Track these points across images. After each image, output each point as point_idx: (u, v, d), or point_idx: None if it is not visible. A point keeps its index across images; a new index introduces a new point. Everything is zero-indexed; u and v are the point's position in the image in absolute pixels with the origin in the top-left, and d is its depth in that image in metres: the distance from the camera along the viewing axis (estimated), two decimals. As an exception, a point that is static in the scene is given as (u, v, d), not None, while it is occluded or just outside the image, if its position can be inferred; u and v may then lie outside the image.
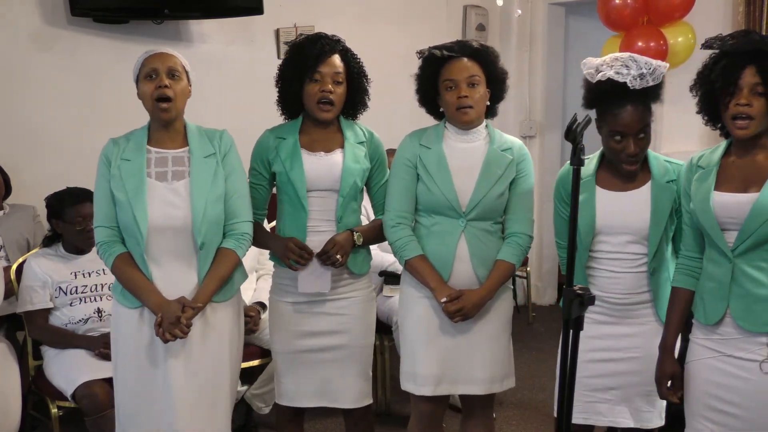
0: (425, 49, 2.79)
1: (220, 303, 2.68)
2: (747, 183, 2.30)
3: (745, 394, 2.32)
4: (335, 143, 2.87)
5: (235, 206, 2.69)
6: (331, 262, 2.78)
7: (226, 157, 2.69)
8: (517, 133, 6.08)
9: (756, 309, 2.27)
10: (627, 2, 4.94)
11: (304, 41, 2.83)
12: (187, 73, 2.69)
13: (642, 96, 2.51)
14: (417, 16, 5.47)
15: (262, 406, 3.81)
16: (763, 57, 2.22)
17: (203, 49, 4.62)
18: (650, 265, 2.56)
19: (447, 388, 2.80)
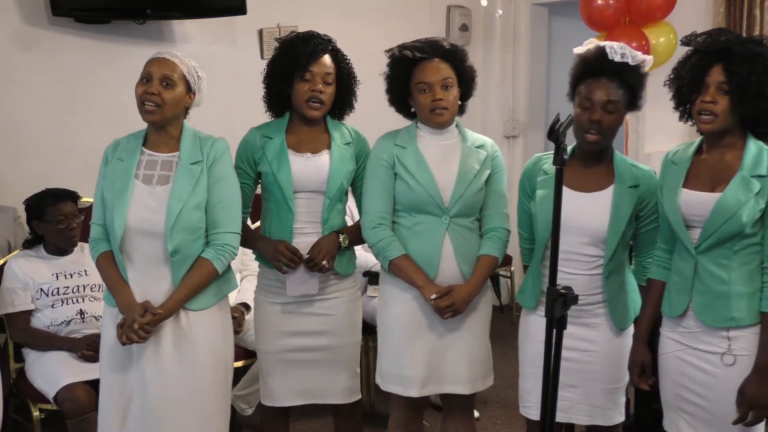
0: (395, 49, 2.78)
1: (197, 311, 2.63)
2: (714, 182, 2.35)
3: (709, 385, 2.38)
4: (322, 144, 2.86)
5: (219, 216, 2.64)
6: (318, 268, 2.78)
7: (216, 164, 2.65)
8: (501, 133, 6.10)
9: (716, 305, 2.33)
10: (609, 3, 4.96)
11: (296, 39, 2.82)
12: (190, 80, 2.63)
13: (618, 75, 2.53)
14: (400, 16, 5.47)
15: (245, 408, 3.80)
16: (731, 56, 2.26)
17: (186, 50, 4.54)
18: (606, 268, 2.57)
19: (433, 388, 2.80)
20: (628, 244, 2.63)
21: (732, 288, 2.32)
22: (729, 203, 2.28)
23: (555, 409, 2.07)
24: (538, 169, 2.71)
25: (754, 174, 2.29)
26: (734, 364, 2.33)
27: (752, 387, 2.29)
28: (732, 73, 2.25)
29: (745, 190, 2.28)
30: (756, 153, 2.32)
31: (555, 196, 2.07)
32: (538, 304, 2.69)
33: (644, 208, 2.60)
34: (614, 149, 2.66)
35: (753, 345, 2.33)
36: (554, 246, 2.09)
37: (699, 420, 2.42)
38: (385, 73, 2.82)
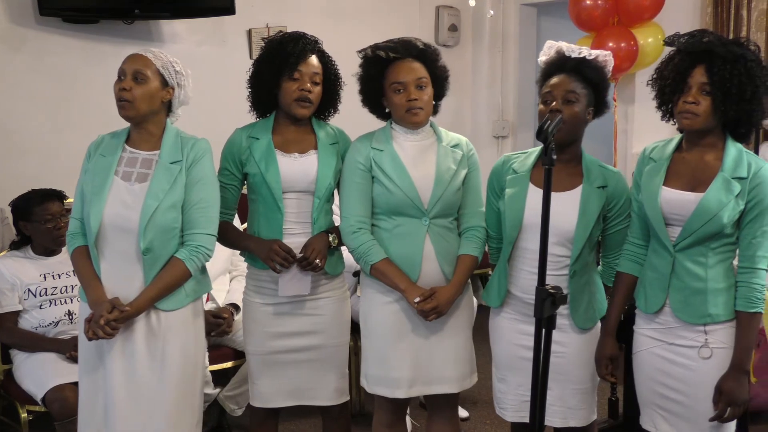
0: (367, 49, 2.77)
1: (168, 312, 2.63)
2: (695, 182, 2.37)
3: (686, 380, 2.40)
4: (309, 144, 2.86)
5: (194, 217, 2.63)
6: (312, 267, 2.77)
7: (195, 165, 2.64)
8: (490, 133, 6.11)
9: (693, 302, 2.36)
10: (597, 3, 4.98)
11: (284, 38, 2.82)
12: (165, 75, 2.64)
13: (577, 71, 2.56)
14: (390, 16, 5.47)
15: (235, 408, 3.79)
16: (713, 57, 2.28)
17: (174, 50, 4.56)
18: (571, 267, 2.58)
19: (420, 389, 2.80)
20: (594, 244, 2.64)
21: (709, 285, 2.35)
22: (711, 204, 2.31)
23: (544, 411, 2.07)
24: (507, 168, 2.73)
25: (735, 176, 2.32)
26: (711, 357, 2.36)
27: (729, 384, 2.32)
28: (714, 75, 2.28)
29: (726, 191, 2.31)
30: (736, 155, 2.35)
31: (544, 197, 2.06)
32: (502, 303, 2.72)
33: (612, 209, 2.61)
34: (583, 150, 2.67)
35: (729, 338, 2.36)
36: (543, 246, 2.09)
37: (676, 415, 2.44)
38: (358, 73, 2.81)
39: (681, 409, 2.43)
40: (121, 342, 2.58)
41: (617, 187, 2.61)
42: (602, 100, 2.64)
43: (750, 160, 2.34)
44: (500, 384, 2.78)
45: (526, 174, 2.66)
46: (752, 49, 2.33)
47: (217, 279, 3.85)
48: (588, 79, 2.57)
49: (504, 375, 2.76)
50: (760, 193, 2.31)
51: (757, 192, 2.31)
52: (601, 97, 2.63)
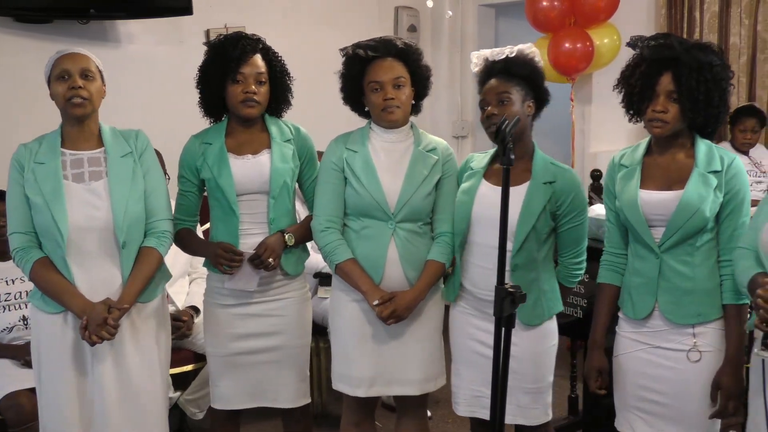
0: (349, 48, 2.78)
1: (144, 303, 2.66)
2: (670, 181, 2.40)
3: (673, 383, 2.42)
4: (262, 144, 2.85)
5: (154, 204, 2.67)
6: (264, 266, 2.76)
7: (144, 155, 2.68)
8: (450, 134, 6.13)
9: (683, 302, 2.38)
10: (554, 4, 5.02)
11: (224, 41, 2.81)
12: (101, 73, 2.66)
13: (505, 72, 2.60)
14: (349, 17, 5.46)
15: (196, 412, 3.76)
16: (679, 65, 2.31)
17: (131, 50, 4.53)
18: (512, 260, 2.59)
19: (380, 389, 2.80)
20: (543, 242, 2.63)
21: (697, 284, 2.37)
22: (692, 199, 2.33)
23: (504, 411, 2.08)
24: (467, 167, 2.77)
25: (710, 170, 2.36)
26: (700, 360, 2.38)
27: (726, 378, 2.34)
28: (681, 83, 2.31)
29: (705, 185, 2.34)
30: (707, 150, 2.39)
31: (503, 197, 2.08)
32: (457, 298, 2.74)
33: (561, 206, 2.61)
34: (536, 149, 2.69)
35: (717, 340, 2.38)
36: (502, 243, 2.10)
37: (658, 418, 2.45)
38: (340, 71, 2.81)
39: (665, 411, 2.44)
40: (108, 343, 2.55)
41: (565, 183, 2.61)
42: (540, 90, 2.65)
43: (721, 153, 2.39)
44: (455, 378, 2.80)
45: (480, 170, 2.69)
46: (717, 52, 2.36)
47: (176, 282, 3.82)
48: (519, 76, 2.60)
49: (458, 369, 2.78)
50: (737, 184, 2.35)
51: (734, 183, 2.35)
52: (537, 87, 2.64)
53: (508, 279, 2.59)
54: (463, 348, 2.74)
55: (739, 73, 5.29)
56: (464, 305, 2.73)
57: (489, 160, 2.72)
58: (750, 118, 4.93)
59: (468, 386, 2.71)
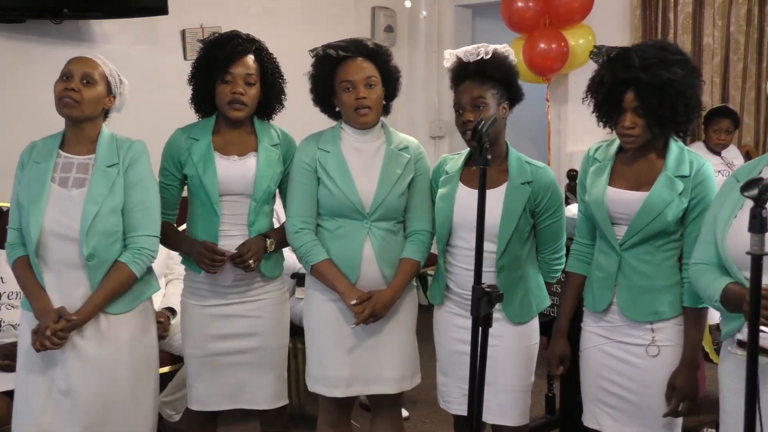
0: (318, 48, 2.77)
1: (117, 315, 2.61)
2: (640, 181, 2.42)
3: (633, 377, 2.45)
4: (249, 146, 2.84)
5: (136, 219, 2.62)
6: (244, 266, 2.75)
7: (132, 167, 2.62)
8: (427, 134, 6.14)
9: (640, 300, 2.41)
10: (529, 5, 5.05)
11: (216, 41, 2.80)
12: (111, 82, 2.63)
13: (480, 74, 2.58)
14: (325, 17, 5.46)
15: (172, 414, 3.74)
16: (640, 83, 2.32)
17: (105, 50, 4.47)
18: (498, 263, 2.61)
19: (359, 389, 2.80)
20: (525, 240, 2.66)
21: (655, 283, 2.40)
22: (655, 202, 2.36)
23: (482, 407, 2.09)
24: (441, 170, 2.77)
25: (678, 174, 2.38)
26: (658, 354, 2.41)
27: (681, 379, 2.37)
28: (644, 102, 2.32)
29: (670, 189, 2.36)
30: (678, 154, 2.41)
31: (479, 197, 2.08)
32: (443, 299, 2.74)
33: (539, 204, 2.64)
34: (510, 148, 2.70)
35: (676, 335, 2.41)
36: (479, 245, 2.10)
37: (622, 412, 2.48)
38: (310, 72, 2.80)
39: (628, 406, 2.47)
40: (72, 350, 2.53)
41: (542, 182, 2.63)
42: (514, 90, 2.65)
43: (692, 158, 2.40)
44: (443, 377, 2.80)
45: (456, 174, 2.70)
46: (681, 60, 2.35)
47: (152, 283, 3.79)
48: (493, 78, 2.59)
49: (445, 369, 2.78)
50: (703, 190, 2.37)
51: (700, 189, 2.37)
52: (512, 87, 2.64)
53: (494, 280, 2.61)
54: (449, 348, 2.74)
55: (713, 73, 5.35)
56: (451, 306, 2.74)
57: (463, 162, 2.73)
58: (723, 119, 4.98)
59: (458, 385, 2.71)
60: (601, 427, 2.53)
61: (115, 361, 2.60)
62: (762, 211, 1.62)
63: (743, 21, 5.28)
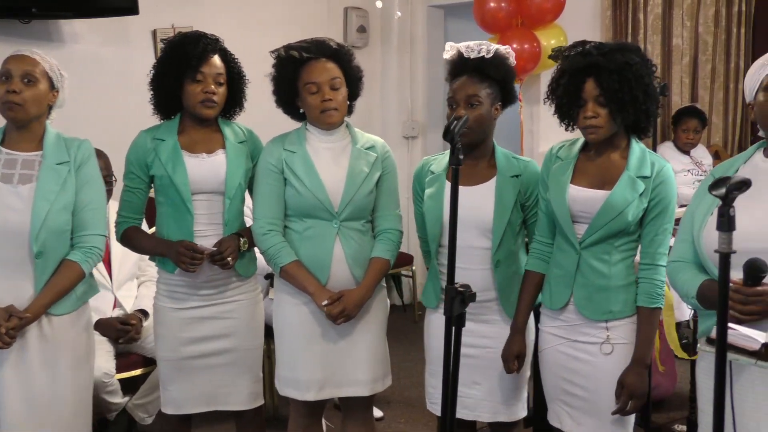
0: (280, 49, 2.75)
1: (59, 316, 2.58)
2: (602, 180, 2.44)
3: (589, 375, 2.47)
4: (216, 144, 2.83)
5: (86, 218, 2.60)
6: (222, 264, 2.74)
7: (84, 166, 2.60)
8: (400, 134, 6.15)
9: (596, 298, 2.44)
10: (501, 5, 5.08)
11: (184, 39, 2.78)
12: (52, 77, 2.59)
13: (478, 71, 2.60)
14: (297, 17, 5.45)
15: (144, 417, 3.71)
16: (600, 70, 2.35)
17: (75, 50, 4.46)
18: (494, 257, 2.62)
19: (331, 391, 2.79)
20: (518, 233, 2.68)
21: (611, 282, 2.42)
22: (616, 202, 2.38)
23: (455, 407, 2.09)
24: (425, 171, 2.77)
25: (639, 175, 2.40)
26: (612, 352, 2.43)
27: (630, 377, 2.39)
28: (604, 87, 2.35)
29: (632, 189, 2.39)
30: (640, 154, 2.44)
31: (452, 195, 2.09)
32: (439, 302, 2.73)
33: (529, 197, 2.66)
34: (496, 145, 2.72)
35: (629, 333, 2.44)
36: (451, 244, 2.12)
37: (579, 411, 2.50)
38: (272, 74, 2.78)
39: (584, 404, 2.49)
40: (14, 351, 2.49)
41: (531, 174, 2.66)
42: (509, 92, 2.68)
43: (653, 159, 2.43)
44: (432, 379, 2.78)
45: (442, 173, 2.70)
46: (635, 50, 2.41)
47: (124, 285, 3.77)
48: (491, 77, 2.61)
49: (434, 370, 2.76)
50: (663, 191, 2.40)
51: (660, 191, 2.40)
52: (507, 89, 2.66)
53: (491, 276, 2.62)
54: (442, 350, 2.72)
55: (682, 74, 5.42)
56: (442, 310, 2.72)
57: (449, 160, 2.73)
58: (692, 118, 5.05)
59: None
60: (562, 425, 2.55)
61: (56, 364, 2.57)
62: (730, 209, 1.64)
63: (711, 22, 5.36)
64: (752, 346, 1.84)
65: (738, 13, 5.36)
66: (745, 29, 5.38)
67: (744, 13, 5.36)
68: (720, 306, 1.67)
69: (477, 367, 2.67)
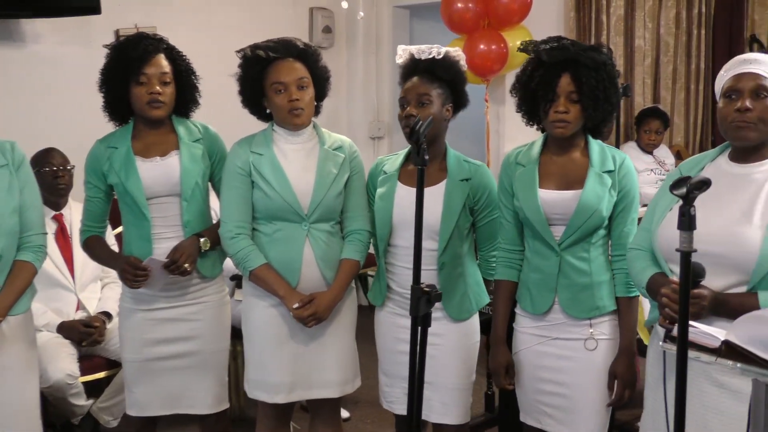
0: (247, 49, 2.73)
1: (15, 316, 2.56)
2: (568, 180, 2.47)
3: (571, 372, 2.50)
4: (170, 145, 2.81)
5: (29, 218, 2.59)
6: (180, 272, 2.72)
7: (21, 168, 2.59)
8: (366, 134, 6.15)
9: (581, 297, 2.46)
10: (469, 6, 5.10)
11: (124, 43, 2.76)
12: None
13: (429, 72, 2.62)
14: (263, 17, 5.42)
15: (109, 420, 3.68)
16: (578, 66, 2.38)
17: (36, 50, 4.39)
18: (439, 260, 2.64)
19: (301, 393, 2.78)
20: (465, 237, 2.69)
21: (593, 278, 2.45)
22: (590, 199, 2.41)
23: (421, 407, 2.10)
24: (379, 170, 2.79)
25: (604, 170, 2.44)
26: (596, 348, 2.47)
27: (621, 367, 2.44)
28: (581, 83, 2.38)
29: (601, 185, 2.42)
30: (600, 150, 2.48)
31: (417, 196, 2.08)
32: (385, 300, 2.76)
33: (478, 201, 2.68)
34: (448, 148, 2.73)
35: (612, 329, 2.48)
36: (417, 244, 2.11)
37: (560, 409, 2.52)
38: (237, 74, 2.76)
39: (565, 402, 2.51)
40: None
41: (481, 179, 2.68)
42: (460, 95, 2.69)
43: (613, 153, 2.48)
44: (385, 377, 2.80)
45: (394, 173, 2.72)
46: (606, 52, 2.46)
47: (88, 287, 3.74)
48: (441, 78, 2.62)
49: (387, 369, 2.79)
50: (627, 183, 2.45)
51: (625, 183, 2.45)
52: (458, 91, 2.68)
53: (435, 278, 2.63)
54: (393, 348, 2.74)
55: (644, 74, 5.49)
56: (393, 307, 2.74)
57: (401, 161, 2.75)
58: (654, 119, 5.11)
59: (400, 385, 2.70)
60: (539, 424, 2.57)
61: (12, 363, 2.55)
62: (690, 209, 1.66)
63: (672, 24, 5.44)
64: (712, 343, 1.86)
65: (698, 14, 5.44)
66: (705, 30, 5.47)
67: (704, 14, 5.45)
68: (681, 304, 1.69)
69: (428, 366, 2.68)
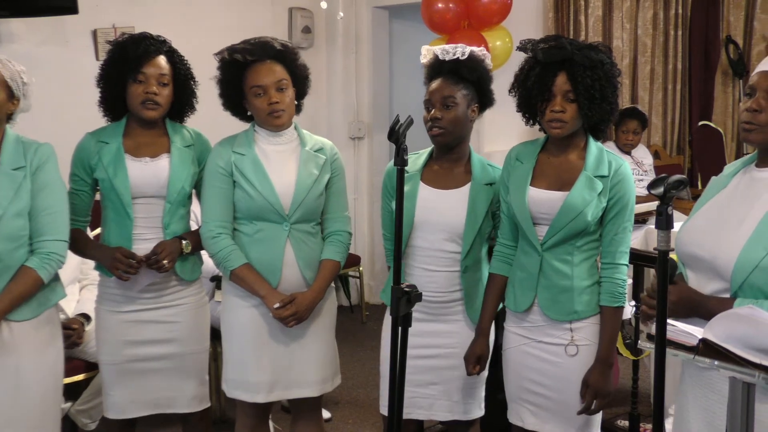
0: (224, 52, 2.72)
1: (19, 322, 2.51)
2: (560, 181, 2.46)
3: (553, 376, 2.50)
4: (161, 147, 2.80)
5: (44, 224, 2.52)
6: (158, 267, 2.70)
7: (40, 170, 2.52)
8: (346, 135, 6.15)
9: (560, 299, 2.46)
10: (449, 7, 5.12)
11: (127, 40, 2.74)
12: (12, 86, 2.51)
13: (454, 73, 2.61)
14: (242, 17, 5.41)
15: (88, 422, 3.65)
16: (574, 65, 2.37)
17: (12, 50, 4.34)
18: (462, 263, 2.64)
19: (280, 393, 2.78)
20: (484, 240, 2.70)
21: (574, 282, 2.44)
22: (575, 202, 2.40)
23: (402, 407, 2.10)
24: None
25: (597, 174, 2.43)
26: (577, 354, 2.46)
27: (595, 377, 2.43)
28: (577, 82, 2.37)
29: (590, 189, 2.41)
30: (597, 154, 2.46)
31: (397, 196, 2.09)
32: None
33: (499, 206, 2.67)
34: (472, 150, 2.73)
35: (593, 334, 2.47)
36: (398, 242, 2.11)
37: (543, 409, 2.53)
38: (217, 77, 2.76)
39: (548, 403, 2.52)
40: None
41: None
42: (486, 94, 2.69)
43: (610, 158, 2.46)
44: (383, 381, 2.77)
45: (417, 173, 2.70)
46: (605, 51, 2.44)
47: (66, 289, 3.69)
48: (466, 79, 2.61)
49: (384, 371, 2.76)
50: (621, 190, 2.43)
51: (618, 189, 2.42)
52: (484, 91, 2.67)
53: (459, 281, 2.64)
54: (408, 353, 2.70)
55: (622, 75, 5.53)
56: None
57: (424, 161, 2.73)
58: (632, 120, 5.14)
59: (410, 389, 2.65)
60: (524, 423, 2.58)
61: (18, 372, 2.50)
62: (668, 208, 1.67)
63: (650, 24, 5.48)
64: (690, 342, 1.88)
65: (675, 15, 5.50)
66: (681, 31, 5.53)
67: (681, 15, 5.50)
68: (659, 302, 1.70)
69: (435, 367, 2.69)
